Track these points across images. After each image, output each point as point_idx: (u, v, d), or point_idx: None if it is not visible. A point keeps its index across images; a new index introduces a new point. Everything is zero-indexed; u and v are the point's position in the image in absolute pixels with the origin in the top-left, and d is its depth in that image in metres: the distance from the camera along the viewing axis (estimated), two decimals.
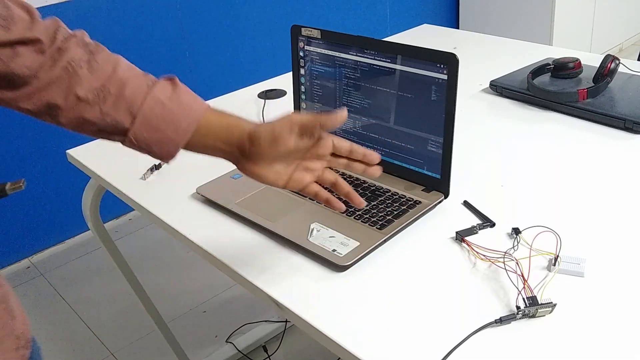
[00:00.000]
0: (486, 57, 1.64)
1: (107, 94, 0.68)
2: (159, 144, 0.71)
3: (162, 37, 2.57)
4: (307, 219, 0.96)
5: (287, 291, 0.83)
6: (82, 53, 0.68)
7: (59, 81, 0.67)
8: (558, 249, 0.83)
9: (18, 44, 0.64)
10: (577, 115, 1.25)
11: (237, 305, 2.10)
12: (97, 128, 0.70)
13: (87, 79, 0.68)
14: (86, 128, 0.70)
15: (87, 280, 2.32)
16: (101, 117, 0.68)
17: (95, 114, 0.68)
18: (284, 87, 1.54)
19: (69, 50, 0.67)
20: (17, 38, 0.63)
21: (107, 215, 2.64)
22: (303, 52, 1.13)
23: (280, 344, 1.91)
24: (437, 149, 0.99)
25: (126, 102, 0.69)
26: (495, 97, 1.40)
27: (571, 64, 1.35)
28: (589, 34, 3.60)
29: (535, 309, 0.74)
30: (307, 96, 1.16)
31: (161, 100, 0.70)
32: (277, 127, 0.72)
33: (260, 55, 2.91)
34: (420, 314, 0.77)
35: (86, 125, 0.70)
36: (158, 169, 1.19)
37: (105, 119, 0.69)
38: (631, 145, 1.13)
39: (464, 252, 0.88)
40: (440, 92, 0.95)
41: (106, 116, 0.68)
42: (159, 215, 1.05)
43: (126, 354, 1.95)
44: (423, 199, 0.99)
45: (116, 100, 0.68)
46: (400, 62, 0.99)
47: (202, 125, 0.71)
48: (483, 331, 0.73)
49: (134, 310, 2.06)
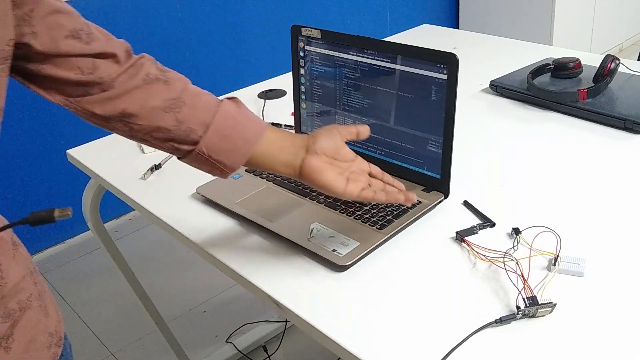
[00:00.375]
0: (486, 57, 1.64)
1: (182, 104, 0.74)
2: (229, 153, 0.76)
3: (162, 37, 2.57)
4: (307, 219, 0.96)
5: (287, 291, 0.83)
6: (155, 69, 0.75)
7: (136, 91, 0.73)
8: (558, 249, 0.83)
9: (97, 56, 0.70)
10: (577, 115, 1.25)
11: (237, 305, 2.10)
12: (168, 136, 0.75)
13: (163, 91, 0.74)
14: (157, 135, 0.75)
15: (87, 280, 2.32)
16: (176, 125, 0.74)
17: (170, 121, 0.74)
18: (284, 87, 1.54)
19: (144, 66, 0.74)
20: (97, 51, 0.70)
21: (107, 215, 2.64)
22: (303, 52, 1.13)
23: (280, 344, 1.91)
24: (437, 149, 0.99)
25: (200, 112, 0.75)
26: (495, 97, 1.40)
27: (571, 64, 1.35)
28: (589, 34, 3.60)
29: (535, 309, 0.74)
30: (307, 96, 1.16)
31: (231, 113, 0.77)
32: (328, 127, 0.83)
33: (260, 55, 2.91)
34: (420, 314, 0.77)
35: (158, 133, 0.75)
36: (158, 169, 1.19)
37: (180, 126, 0.74)
38: (631, 145, 1.13)
39: (464, 252, 0.88)
40: (440, 92, 0.95)
41: (181, 124, 0.74)
42: (159, 215, 1.05)
43: (126, 354, 1.95)
44: (423, 199, 0.99)
45: (191, 111, 0.75)
46: (400, 62, 0.99)
47: (268, 136, 0.79)
48: (483, 331, 0.73)
49: (134, 310, 2.06)
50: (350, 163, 0.82)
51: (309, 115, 1.17)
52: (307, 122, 1.18)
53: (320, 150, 0.80)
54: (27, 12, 0.62)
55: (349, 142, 0.84)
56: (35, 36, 0.63)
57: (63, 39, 0.66)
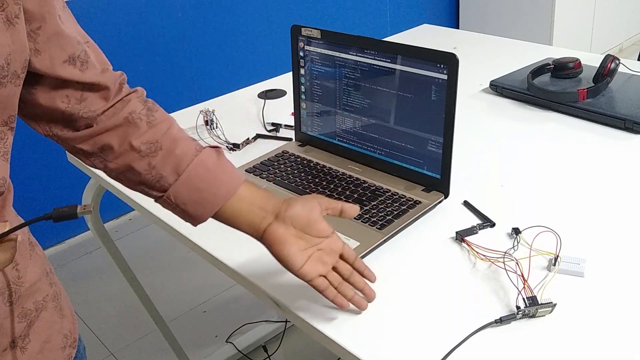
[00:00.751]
0: (486, 57, 1.64)
1: (158, 149, 0.72)
2: (195, 205, 0.73)
3: (162, 37, 2.57)
4: None
5: (287, 291, 0.83)
6: (142, 107, 0.74)
7: (118, 129, 0.71)
8: (558, 249, 0.83)
9: (88, 88, 0.69)
10: (577, 115, 1.25)
11: (237, 305, 2.10)
12: (140, 179, 0.73)
13: (144, 132, 0.72)
14: (129, 176, 0.74)
15: (87, 280, 2.32)
16: (148, 170, 0.72)
17: (143, 165, 0.72)
18: (284, 87, 1.54)
19: (130, 103, 0.73)
20: (89, 81, 0.69)
21: (107, 215, 2.64)
22: (303, 52, 1.13)
23: (280, 344, 1.91)
24: (437, 149, 0.99)
25: (175, 160, 0.72)
26: (495, 97, 1.40)
27: (571, 64, 1.35)
28: (589, 34, 3.60)
29: (535, 309, 0.74)
30: (307, 96, 1.16)
31: (206, 165, 0.73)
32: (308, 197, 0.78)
33: (260, 55, 2.91)
34: (420, 314, 0.77)
35: (130, 174, 0.73)
36: None
37: (151, 172, 0.72)
38: (631, 145, 1.13)
39: (464, 252, 0.88)
40: (440, 92, 0.95)
41: (152, 169, 0.72)
42: (159, 215, 1.05)
43: (126, 354, 1.95)
44: (423, 199, 0.99)
45: (165, 157, 0.72)
46: (400, 62, 0.99)
47: (240, 193, 0.75)
48: (483, 331, 0.73)
49: (134, 310, 2.06)
50: (321, 240, 0.76)
51: (309, 115, 1.17)
52: (307, 122, 1.18)
53: (290, 220, 0.74)
54: (34, 29, 0.62)
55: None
56: (38, 53, 0.63)
57: (61, 62, 0.65)
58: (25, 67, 0.61)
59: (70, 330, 0.77)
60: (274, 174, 1.10)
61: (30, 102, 0.67)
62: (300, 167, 1.12)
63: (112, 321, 2.09)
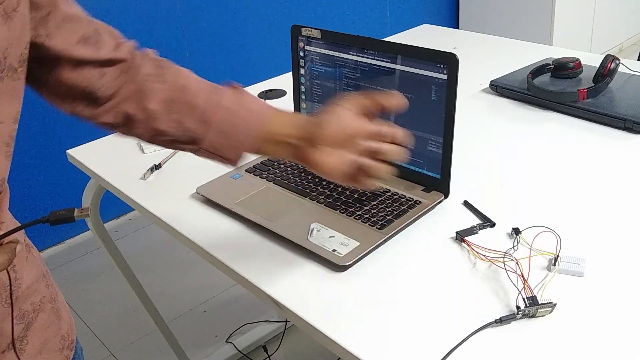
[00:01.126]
0: (486, 57, 1.64)
1: (177, 105, 0.73)
2: (232, 149, 0.75)
3: (162, 37, 2.57)
4: (307, 219, 0.96)
5: (287, 291, 0.83)
6: (153, 68, 0.75)
7: (134, 95, 0.73)
8: (558, 249, 0.83)
9: (105, 64, 0.71)
10: (577, 115, 1.25)
11: (237, 305, 2.10)
12: (170, 138, 0.74)
13: (157, 91, 0.73)
14: (161, 138, 0.75)
15: (87, 280, 2.32)
16: (175, 127, 0.73)
17: (168, 123, 0.73)
18: (284, 87, 1.54)
19: (143, 67, 0.74)
20: (105, 58, 0.71)
21: (107, 215, 2.64)
22: (303, 52, 1.13)
23: (280, 344, 1.91)
24: (437, 149, 0.99)
25: (198, 112, 0.73)
26: (495, 97, 1.40)
27: (571, 64, 1.35)
28: (589, 34, 3.60)
29: (535, 309, 0.74)
30: (307, 96, 1.17)
31: (231, 108, 0.74)
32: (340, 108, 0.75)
33: (260, 55, 2.91)
34: (420, 314, 0.77)
35: (160, 136, 0.74)
36: (158, 169, 1.19)
37: (178, 128, 0.73)
38: (631, 145, 1.13)
39: (464, 252, 0.88)
40: (440, 92, 0.95)
41: (179, 126, 0.73)
42: (159, 215, 1.05)
43: (126, 354, 1.95)
44: (423, 199, 0.99)
45: (188, 111, 0.73)
46: (400, 62, 0.99)
47: (272, 121, 0.75)
48: (483, 331, 0.73)
49: (134, 310, 2.06)
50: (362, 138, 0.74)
51: (309, 115, 1.17)
52: None
53: (324, 141, 0.73)
54: (44, 15, 0.63)
55: None
56: (50, 38, 0.65)
57: (74, 44, 0.67)
58: (23, 61, 0.61)
59: (67, 332, 0.77)
60: (274, 174, 1.10)
61: (53, 83, 0.69)
62: (300, 167, 1.12)
63: (112, 321, 2.09)
